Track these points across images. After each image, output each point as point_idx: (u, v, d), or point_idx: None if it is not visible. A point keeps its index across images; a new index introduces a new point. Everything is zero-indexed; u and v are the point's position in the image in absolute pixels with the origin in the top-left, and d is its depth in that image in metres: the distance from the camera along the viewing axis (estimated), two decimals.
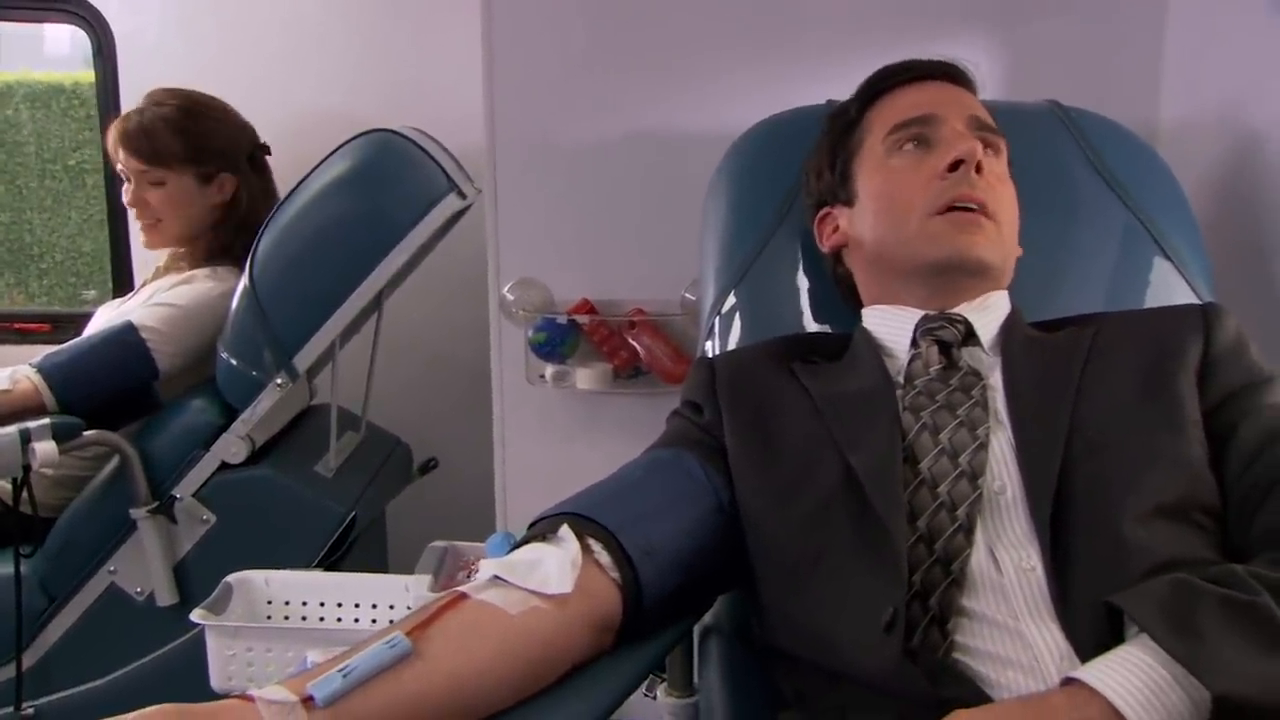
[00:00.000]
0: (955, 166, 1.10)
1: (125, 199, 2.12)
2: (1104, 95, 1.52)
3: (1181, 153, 1.53)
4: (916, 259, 1.12)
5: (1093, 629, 0.84)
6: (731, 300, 1.36)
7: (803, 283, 1.35)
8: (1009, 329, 1.11)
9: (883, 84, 1.23)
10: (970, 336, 1.10)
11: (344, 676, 0.78)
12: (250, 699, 0.76)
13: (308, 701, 0.76)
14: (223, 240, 2.11)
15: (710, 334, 1.37)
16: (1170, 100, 1.69)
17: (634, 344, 1.76)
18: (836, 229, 1.24)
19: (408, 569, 1.61)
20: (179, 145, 2.07)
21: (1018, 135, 1.26)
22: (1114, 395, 0.99)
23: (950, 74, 1.22)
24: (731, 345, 1.34)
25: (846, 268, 1.25)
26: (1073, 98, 1.47)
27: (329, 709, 0.77)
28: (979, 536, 0.93)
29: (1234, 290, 1.40)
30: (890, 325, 1.15)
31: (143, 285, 2.18)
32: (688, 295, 1.71)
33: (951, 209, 1.10)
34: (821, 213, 1.27)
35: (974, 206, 1.10)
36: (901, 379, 1.08)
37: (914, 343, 1.11)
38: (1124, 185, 1.38)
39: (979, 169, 1.10)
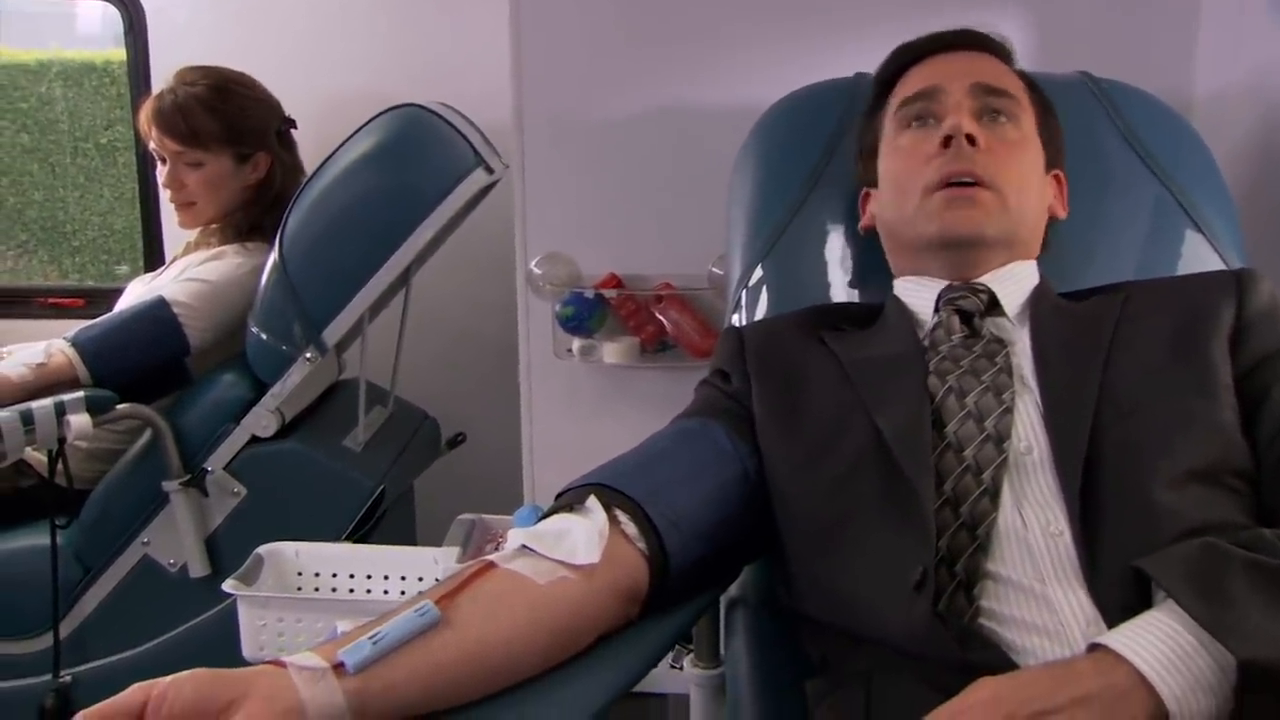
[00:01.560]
0: (948, 142, 1.10)
1: (161, 180, 2.13)
2: (1138, 67, 1.50)
3: (1215, 124, 1.51)
4: (919, 236, 1.14)
5: (1120, 594, 0.84)
6: (759, 273, 1.35)
7: (830, 255, 1.35)
8: (1037, 297, 1.10)
9: (897, 63, 1.24)
10: (994, 306, 1.10)
11: (374, 643, 0.79)
12: (282, 665, 0.77)
13: (338, 668, 0.77)
14: (254, 217, 2.12)
15: (738, 307, 1.36)
16: (1205, 72, 1.67)
17: (661, 318, 1.76)
18: (868, 211, 1.26)
19: (436, 542, 1.63)
20: (216, 126, 2.07)
21: None
22: (1144, 360, 0.99)
23: (965, 42, 1.21)
24: (759, 317, 1.34)
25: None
26: (1106, 69, 1.46)
27: (359, 675, 0.77)
28: (1006, 499, 0.93)
29: (1267, 262, 1.37)
30: (918, 295, 1.16)
31: (173, 260, 2.20)
32: (715, 269, 1.71)
33: (946, 185, 1.10)
34: (861, 194, 1.28)
35: (968, 180, 1.10)
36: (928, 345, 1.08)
37: (936, 310, 1.12)
38: (1155, 157, 1.37)
39: (973, 141, 1.10)
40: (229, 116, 2.09)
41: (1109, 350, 1.00)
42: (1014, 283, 1.12)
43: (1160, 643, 0.73)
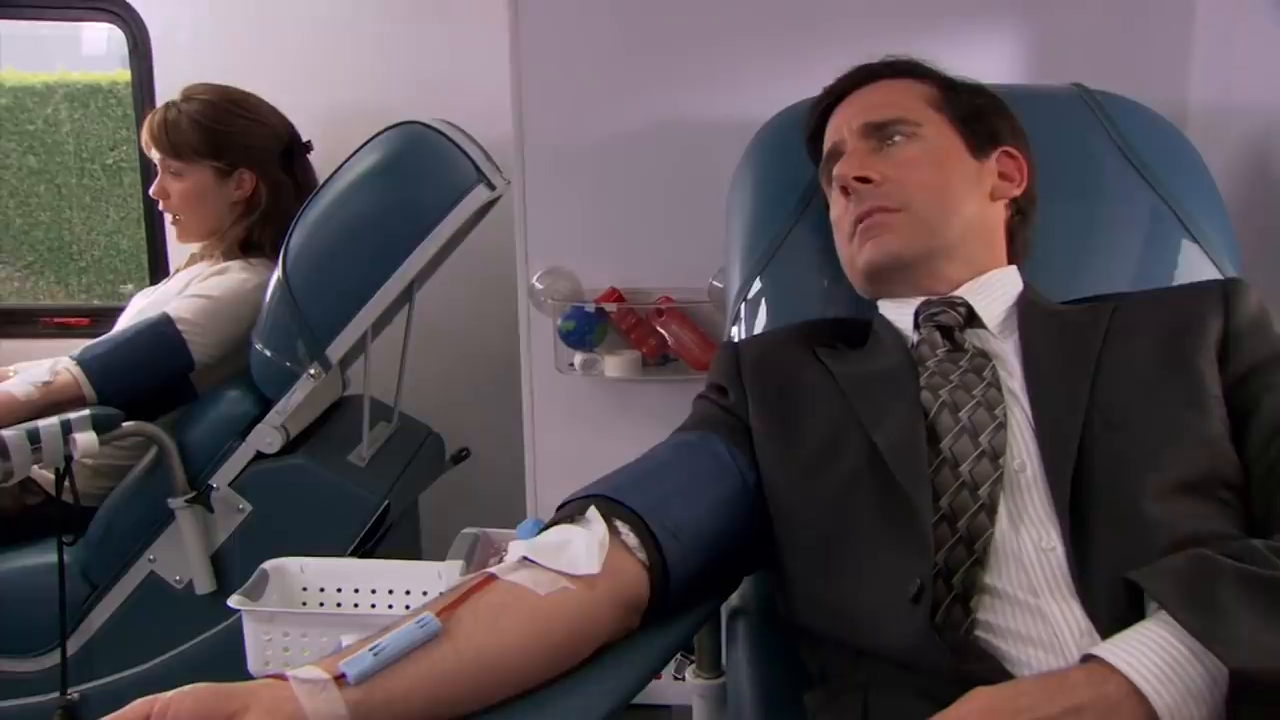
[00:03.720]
0: (846, 192, 1.18)
1: (151, 189, 2.16)
2: (1133, 79, 1.51)
3: (1210, 136, 1.52)
4: (856, 274, 1.21)
5: (1113, 606, 0.85)
6: (757, 286, 1.37)
7: (827, 268, 1.35)
8: (1024, 305, 1.11)
9: (811, 125, 1.31)
10: (973, 318, 1.11)
11: (375, 655, 0.79)
12: (284, 678, 0.78)
13: (340, 679, 0.78)
14: (251, 234, 2.13)
15: (736, 319, 1.38)
16: (1199, 84, 1.68)
17: (662, 331, 1.77)
18: None
19: (441, 556, 1.63)
20: (198, 138, 2.09)
21: (1042, 119, 1.27)
22: (1133, 372, 1.00)
23: (855, 83, 1.27)
24: (757, 330, 1.35)
25: None
26: (1101, 81, 1.47)
27: (360, 686, 0.78)
28: (1001, 515, 0.94)
29: (1262, 273, 1.39)
30: (897, 313, 1.18)
31: (176, 271, 2.21)
32: (715, 283, 1.72)
33: (858, 224, 1.17)
34: None
35: (875, 213, 1.15)
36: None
37: (916, 327, 1.13)
38: (1150, 168, 1.37)
39: (867, 179, 1.16)
40: (212, 131, 2.10)
41: (1098, 362, 1.00)
42: (992, 292, 1.14)
43: (1152, 653, 0.74)
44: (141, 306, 2.10)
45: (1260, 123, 1.56)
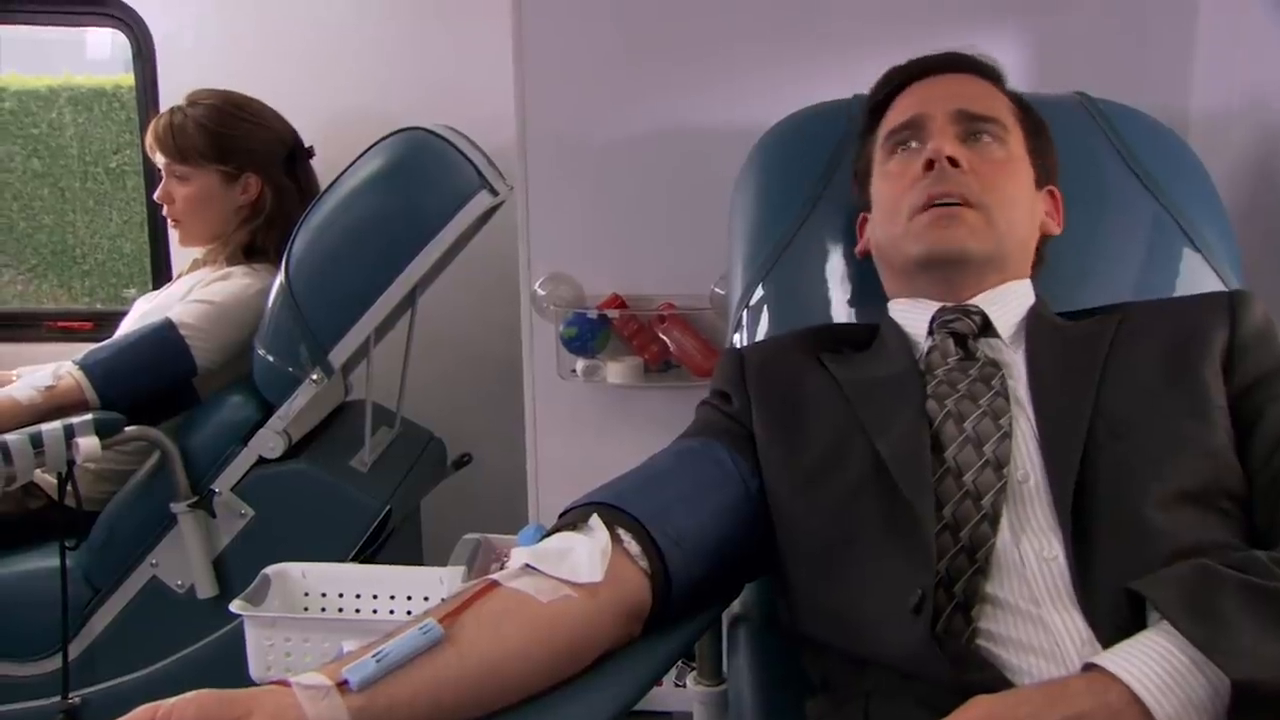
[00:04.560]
0: (930, 166, 1.13)
1: (156, 193, 2.16)
2: (1135, 87, 1.51)
3: (1212, 144, 1.52)
4: (906, 256, 1.16)
5: (1114, 615, 0.85)
6: (759, 293, 1.37)
7: (830, 274, 1.36)
8: (1033, 318, 1.11)
9: (885, 88, 1.27)
10: (988, 327, 1.11)
11: (377, 661, 0.80)
12: (287, 684, 0.78)
13: (342, 685, 0.78)
14: (255, 238, 2.14)
15: (739, 326, 1.38)
16: (1201, 91, 1.68)
17: (664, 338, 1.77)
18: (864, 235, 1.28)
19: (443, 562, 1.63)
20: (203, 142, 2.09)
21: None
22: (1138, 382, 1.00)
23: (950, 65, 1.24)
24: (760, 337, 1.35)
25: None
26: (1103, 89, 1.47)
27: (363, 692, 0.78)
28: (1004, 525, 0.94)
29: (1265, 280, 1.39)
30: (911, 317, 1.17)
31: (179, 276, 2.22)
32: (717, 289, 1.72)
33: (930, 206, 1.12)
34: (859, 219, 1.30)
35: (954, 201, 1.11)
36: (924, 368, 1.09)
37: (930, 334, 1.13)
38: (1153, 176, 1.38)
39: (955, 163, 1.12)
40: (218, 135, 2.10)
41: (1103, 372, 1.00)
42: (1007, 303, 1.13)
43: (1154, 663, 0.74)
44: (144, 311, 2.11)
45: (1262, 130, 1.56)
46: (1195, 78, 1.69)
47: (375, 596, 1.64)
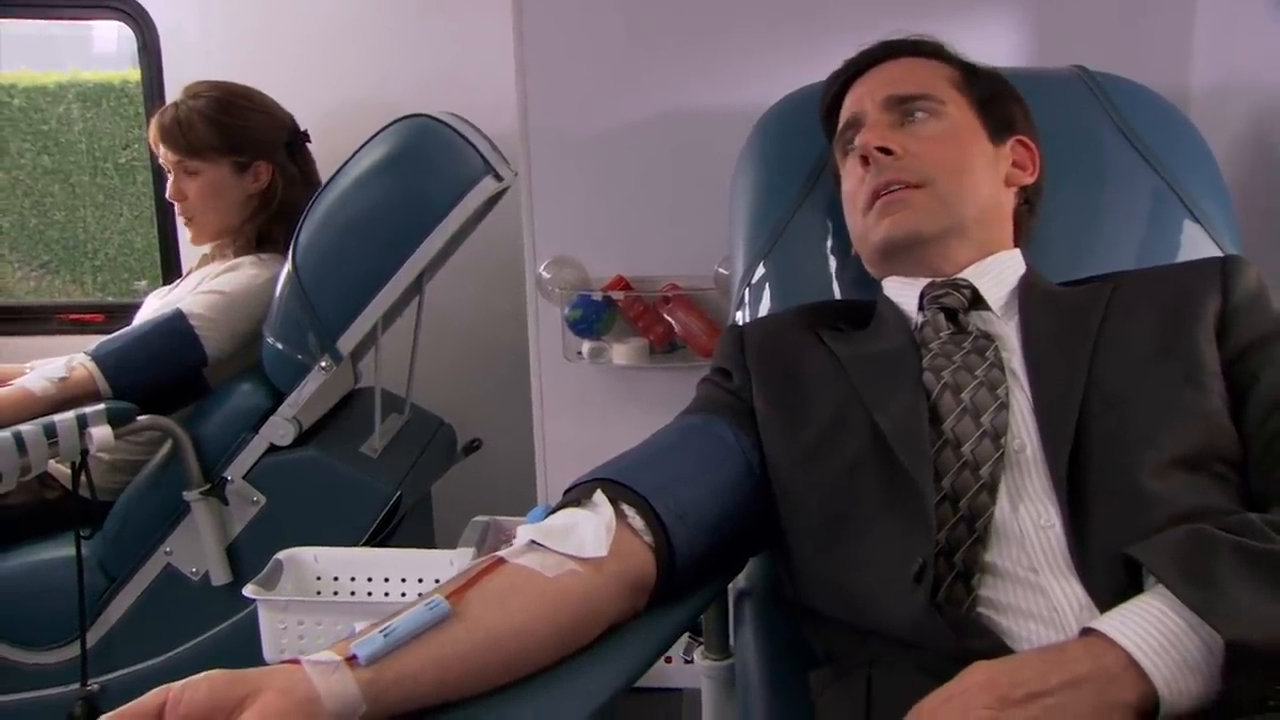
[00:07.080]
0: (866, 162, 1.16)
1: (167, 193, 2.17)
2: (1134, 61, 1.51)
3: (1212, 118, 1.52)
4: (872, 248, 1.20)
5: (1111, 581, 0.85)
6: (761, 271, 1.38)
7: (830, 252, 1.37)
8: (1025, 287, 1.12)
9: (828, 95, 1.31)
10: (978, 300, 1.12)
11: (385, 637, 0.81)
12: (298, 663, 0.79)
13: (351, 660, 0.79)
14: (263, 228, 2.15)
15: (741, 304, 1.39)
16: (1201, 66, 1.68)
17: (669, 319, 1.78)
18: None
19: (453, 545, 1.64)
20: (213, 135, 2.10)
21: (1044, 101, 1.27)
22: (1132, 350, 1.00)
23: (880, 56, 1.26)
24: (761, 315, 1.36)
25: None
26: (1103, 64, 1.47)
27: (371, 667, 0.79)
28: (1002, 494, 0.95)
29: (1264, 253, 1.39)
30: (904, 294, 1.18)
31: (189, 273, 2.23)
32: (721, 270, 1.73)
33: (877, 197, 1.16)
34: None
35: (896, 186, 1.15)
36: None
37: (921, 309, 1.14)
38: (1152, 150, 1.38)
39: (889, 150, 1.15)
40: (226, 126, 2.11)
41: (1096, 341, 1.01)
42: (996, 275, 1.14)
43: (1150, 626, 0.75)
44: (155, 307, 2.12)
45: (1263, 104, 1.56)
46: (1196, 52, 1.69)
47: (386, 579, 1.65)
